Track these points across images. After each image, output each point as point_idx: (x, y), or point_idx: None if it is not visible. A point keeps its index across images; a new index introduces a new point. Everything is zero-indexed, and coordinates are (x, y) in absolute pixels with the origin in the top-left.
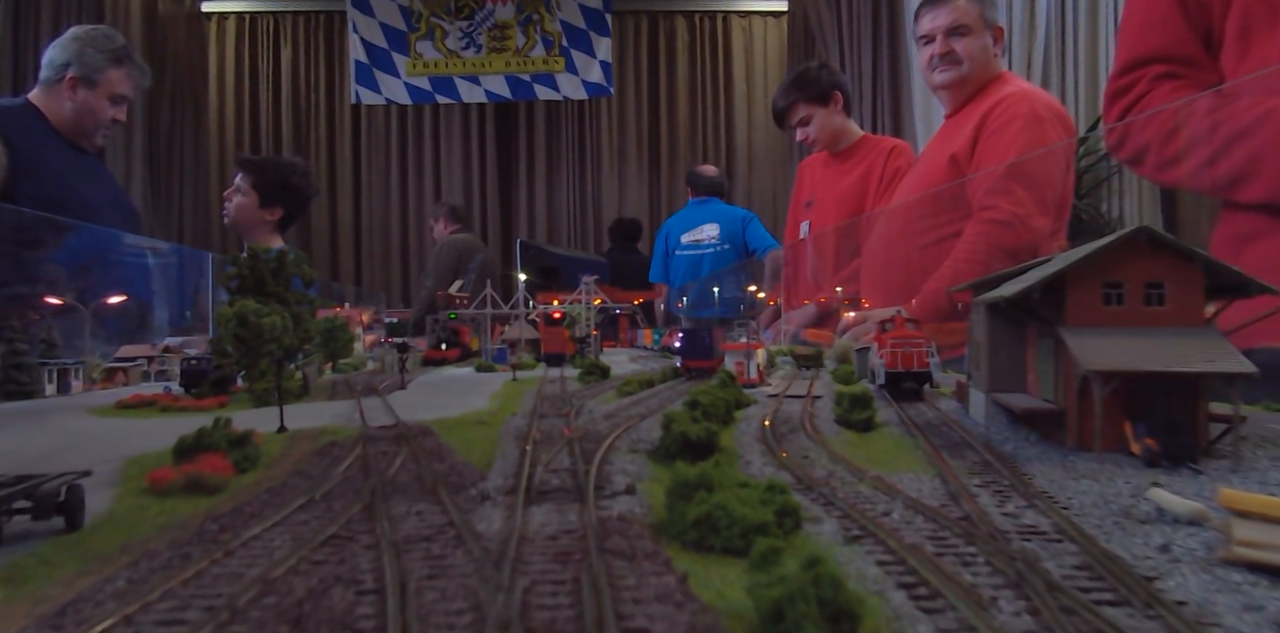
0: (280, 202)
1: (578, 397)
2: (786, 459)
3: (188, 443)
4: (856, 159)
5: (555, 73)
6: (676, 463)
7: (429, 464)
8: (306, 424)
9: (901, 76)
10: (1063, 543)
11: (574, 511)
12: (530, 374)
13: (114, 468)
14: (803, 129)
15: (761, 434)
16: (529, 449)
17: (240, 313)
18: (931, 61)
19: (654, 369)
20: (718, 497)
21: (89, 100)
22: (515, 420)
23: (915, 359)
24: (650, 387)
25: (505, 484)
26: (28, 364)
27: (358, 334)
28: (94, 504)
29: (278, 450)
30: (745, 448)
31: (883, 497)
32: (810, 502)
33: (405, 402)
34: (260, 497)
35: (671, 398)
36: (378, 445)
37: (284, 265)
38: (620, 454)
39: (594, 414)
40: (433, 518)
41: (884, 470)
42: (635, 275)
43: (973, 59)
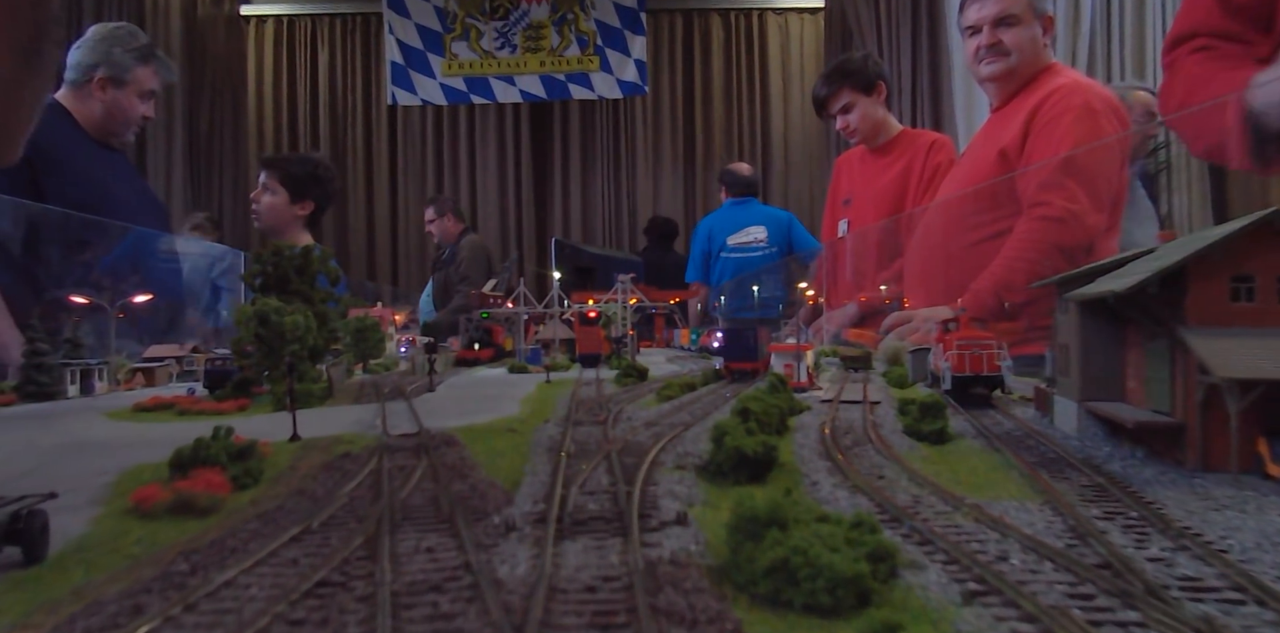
0: (310, 196)
1: (615, 401)
2: (861, 480)
3: (184, 456)
4: (895, 154)
5: (590, 72)
6: (739, 493)
7: (448, 483)
8: (322, 431)
9: (942, 72)
10: (1247, 606)
11: (616, 547)
12: (564, 376)
13: (107, 481)
14: (844, 117)
15: (823, 447)
16: (562, 465)
17: (261, 312)
18: (978, 53)
19: (694, 371)
20: (794, 538)
21: (119, 99)
22: (548, 428)
23: (985, 362)
24: (692, 390)
25: (534, 510)
26: (49, 365)
27: (390, 334)
28: (72, 527)
29: (285, 463)
30: (807, 464)
31: (990, 533)
32: (900, 539)
33: (432, 406)
34: (250, 524)
35: (716, 403)
36: (395, 458)
37: (308, 262)
38: (666, 472)
39: (633, 422)
40: (445, 557)
41: (978, 496)
42: (670, 275)
43: (1021, 50)
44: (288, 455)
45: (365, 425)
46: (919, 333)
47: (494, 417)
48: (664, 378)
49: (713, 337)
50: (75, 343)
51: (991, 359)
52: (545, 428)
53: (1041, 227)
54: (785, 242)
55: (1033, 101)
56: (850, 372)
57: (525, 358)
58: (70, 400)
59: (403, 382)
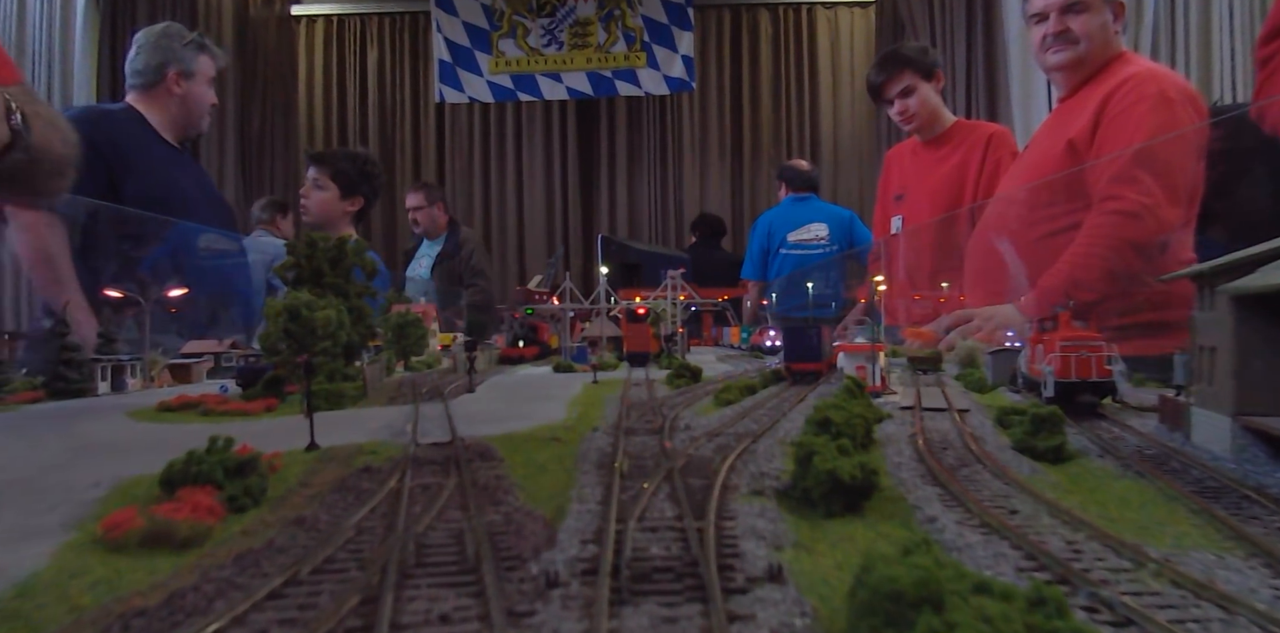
0: (359, 192)
1: (668, 405)
2: (991, 517)
3: (175, 471)
4: (951, 147)
5: (637, 68)
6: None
7: (478, 511)
8: (345, 438)
9: (997, 65)
10: None
11: (693, 619)
12: (612, 375)
13: (96, 496)
14: (903, 101)
15: (925, 466)
16: (616, 487)
17: (291, 306)
18: (1045, 41)
19: (750, 371)
20: (960, 628)
21: (192, 89)
22: (596, 438)
23: (1094, 366)
24: (752, 393)
25: (583, 556)
26: (78, 360)
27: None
28: (26, 562)
29: (295, 478)
30: (911, 490)
31: (1205, 605)
32: (1080, 612)
33: (470, 409)
34: (226, 570)
35: (781, 408)
36: (421, 474)
37: (343, 254)
38: (741, 500)
39: (693, 431)
40: None
41: (1153, 543)
42: (718, 272)
43: (1091, 38)
44: (300, 468)
45: (394, 431)
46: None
47: (536, 422)
48: (719, 379)
49: (765, 335)
50: (108, 338)
51: (1101, 362)
52: (594, 437)
53: (1113, 221)
54: (847, 240)
55: (1103, 91)
56: (919, 374)
57: (571, 356)
58: (100, 398)
59: (442, 381)
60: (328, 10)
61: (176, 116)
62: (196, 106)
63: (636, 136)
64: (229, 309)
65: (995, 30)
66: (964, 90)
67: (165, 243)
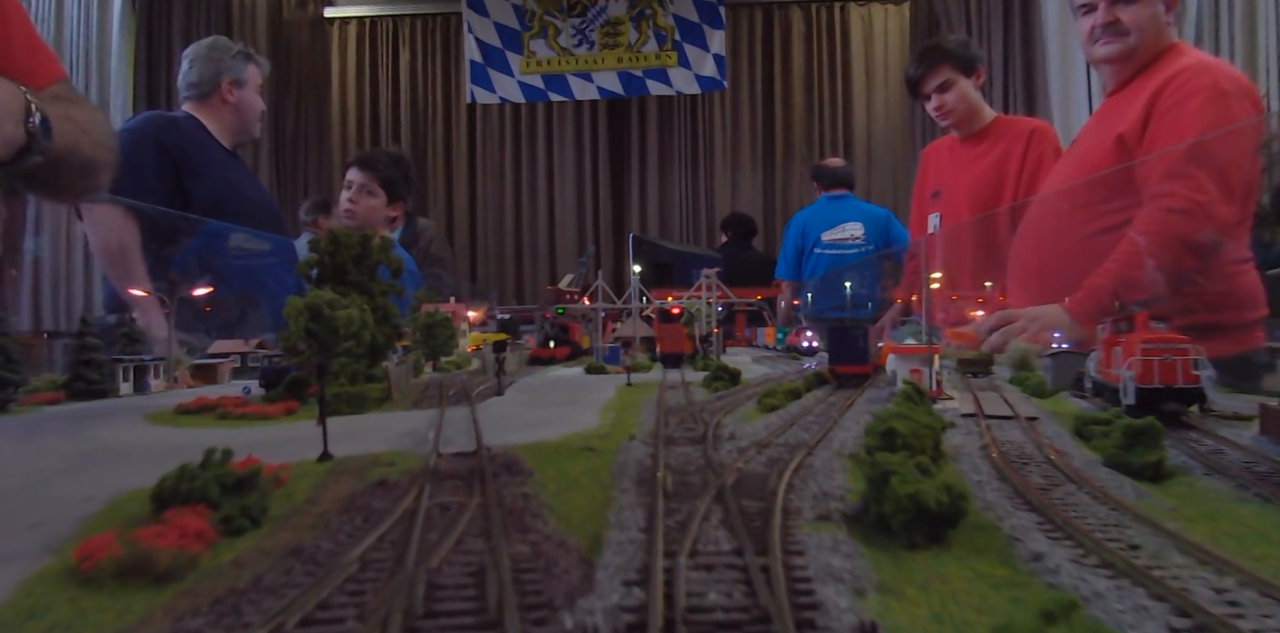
0: (401, 197)
1: (709, 411)
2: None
3: (165, 487)
4: (990, 142)
5: (668, 67)
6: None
7: (503, 539)
8: (362, 447)
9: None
10: None
11: None
12: (646, 377)
13: (88, 513)
14: (940, 96)
15: (1010, 486)
16: (660, 510)
17: (312, 304)
18: (1093, 33)
19: (791, 374)
20: None
21: (244, 96)
22: (634, 448)
23: (1180, 371)
24: (797, 398)
25: (626, 604)
26: (99, 360)
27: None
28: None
29: (302, 495)
30: (1002, 516)
31: None
32: None
33: (498, 413)
34: (200, 618)
35: (830, 415)
36: (441, 490)
37: (368, 251)
38: (808, 527)
39: (739, 440)
40: None
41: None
42: (750, 272)
43: (1141, 29)
44: (309, 483)
45: (416, 439)
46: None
47: (568, 430)
48: (759, 381)
49: (802, 336)
50: (131, 338)
51: (1188, 367)
52: (631, 447)
53: (1165, 219)
54: (883, 239)
55: (1155, 83)
56: (969, 376)
57: (604, 357)
58: (121, 399)
59: (470, 383)
60: (360, 12)
61: (231, 124)
62: (249, 113)
63: (668, 136)
64: (258, 308)
65: (1033, 26)
66: (1001, 88)
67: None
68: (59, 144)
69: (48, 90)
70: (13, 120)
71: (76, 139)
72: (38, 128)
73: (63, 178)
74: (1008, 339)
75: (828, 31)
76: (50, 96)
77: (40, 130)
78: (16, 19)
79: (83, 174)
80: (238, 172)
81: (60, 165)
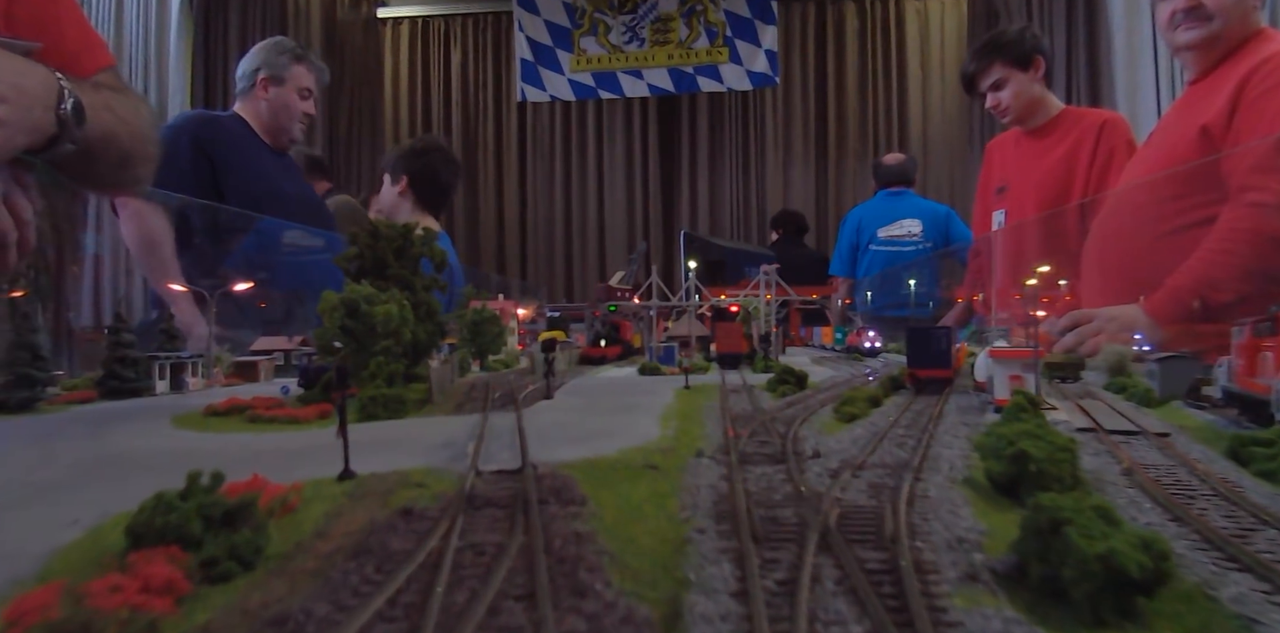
0: (402, 170)
1: (781, 420)
2: None
3: (140, 520)
4: (1058, 136)
5: (719, 64)
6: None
7: (552, 605)
8: (391, 462)
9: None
10: None
11: None
12: (703, 379)
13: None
14: (994, 94)
15: (1195, 532)
16: (753, 563)
17: (348, 300)
18: (1173, 18)
19: (860, 377)
20: None
21: (280, 96)
22: (703, 468)
23: None
24: (877, 406)
25: None
26: (134, 357)
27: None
28: None
29: (310, 525)
30: (1210, 580)
31: None
32: None
33: (546, 421)
34: None
35: (922, 425)
36: (476, 525)
37: (409, 243)
38: (960, 599)
39: (827, 460)
40: None
41: None
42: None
43: (1225, 13)
44: (323, 508)
45: (453, 452)
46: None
47: (626, 442)
48: (827, 385)
49: (864, 336)
50: (169, 334)
51: None
52: (699, 466)
53: (1253, 215)
54: (942, 237)
55: (1241, 71)
56: (1057, 382)
57: (658, 357)
58: (156, 398)
59: (517, 384)
60: (412, 12)
61: (267, 122)
62: (284, 112)
63: (718, 133)
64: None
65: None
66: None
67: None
68: (94, 133)
69: (92, 78)
70: (41, 106)
71: (114, 129)
72: (69, 114)
73: (99, 169)
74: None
75: (882, 26)
76: (92, 85)
77: (72, 117)
78: (66, 4)
79: (120, 165)
80: (278, 170)
81: (96, 155)
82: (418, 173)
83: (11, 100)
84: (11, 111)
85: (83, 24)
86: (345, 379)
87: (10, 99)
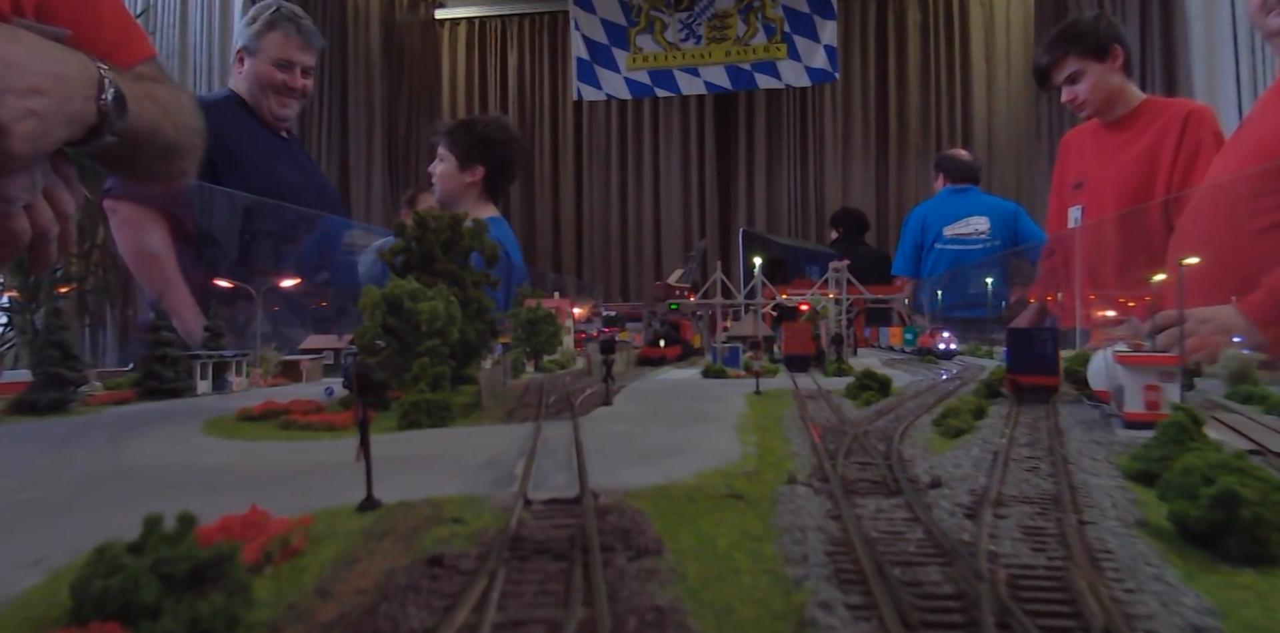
0: (478, 160)
1: (874, 434)
2: None
3: (82, 583)
4: (1139, 128)
5: (777, 60)
6: None
7: None
8: (425, 486)
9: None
10: None
11: None
12: (774, 384)
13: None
14: (1070, 88)
15: None
16: None
17: (391, 295)
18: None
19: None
20: None
21: (253, 68)
22: (799, 498)
23: None
24: (982, 417)
25: None
26: (174, 356)
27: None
28: None
29: (311, 578)
30: None
31: None
32: None
33: (607, 433)
34: None
35: (1044, 444)
36: (522, 585)
37: (459, 235)
38: None
39: (950, 490)
40: None
41: None
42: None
43: None
44: (333, 552)
45: (500, 473)
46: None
47: (702, 462)
48: (911, 391)
49: (938, 337)
50: (215, 332)
51: None
52: (794, 497)
53: None
54: (1011, 235)
55: None
56: None
57: (723, 359)
58: (197, 399)
59: (573, 387)
60: (469, 13)
61: (249, 97)
62: (257, 86)
63: (776, 130)
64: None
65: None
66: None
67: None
68: (136, 124)
69: (134, 69)
70: (81, 96)
71: (157, 120)
72: (110, 105)
73: (143, 161)
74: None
75: (945, 18)
76: (134, 75)
77: (114, 108)
78: None
79: (165, 157)
80: (280, 157)
81: (139, 147)
82: (495, 165)
83: (49, 91)
84: (50, 103)
85: (123, 15)
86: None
87: (48, 90)
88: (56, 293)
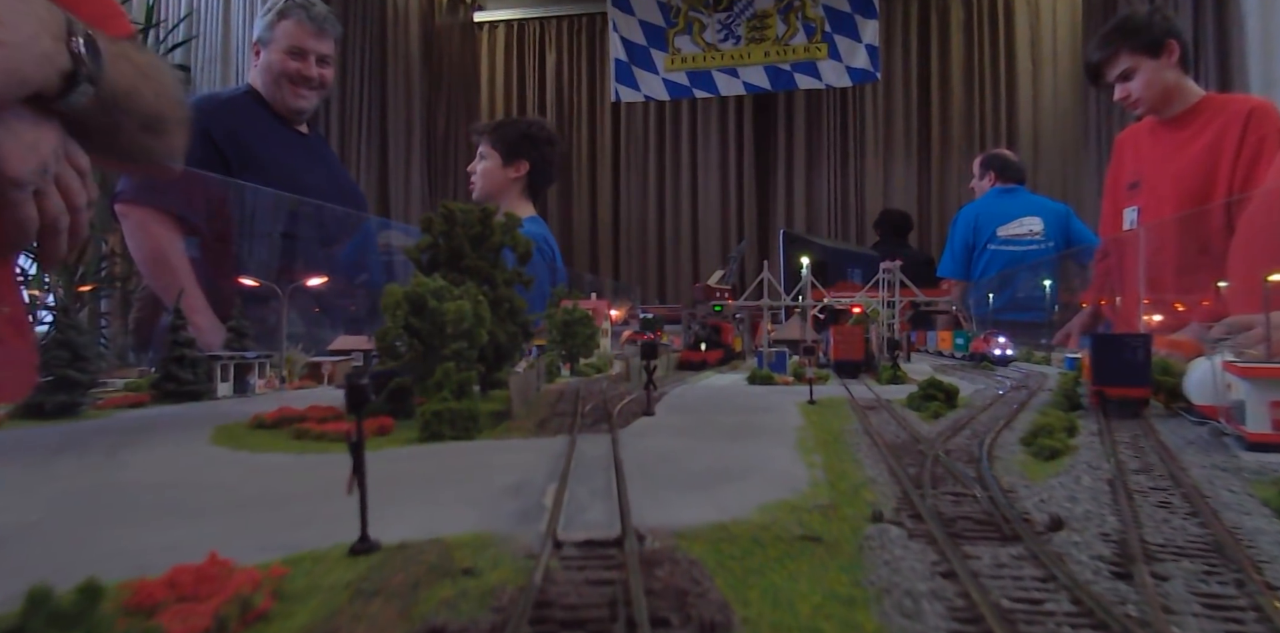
0: (522, 156)
1: (953, 452)
2: None
3: None
4: (1199, 125)
5: (817, 60)
6: None
7: None
8: (433, 522)
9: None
10: None
11: None
12: (826, 391)
13: None
14: (1123, 85)
15: None
16: None
17: (414, 294)
18: None
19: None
20: None
21: (268, 59)
22: (892, 542)
23: None
24: (1074, 434)
25: None
26: (193, 358)
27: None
28: None
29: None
30: None
31: None
32: None
33: (650, 449)
34: None
35: (1161, 469)
36: None
37: (489, 230)
38: None
39: (1079, 535)
40: None
41: None
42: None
43: None
44: (305, 619)
45: (526, 503)
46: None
47: (765, 491)
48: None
49: (993, 342)
50: (238, 332)
51: None
52: (887, 543)
53: None
54: (1063, 236)
55: None
56: None
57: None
58: (216, 402)
59: (610, 393)
60: (508, 16)
61: (265, 91)
62: (270, 77)
63: (816, 131)
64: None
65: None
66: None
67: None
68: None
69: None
70: (51, 35)
71: (135, 83)
72: (83, 50)
73: (124, 132)
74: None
75: (990, 18)
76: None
77: (87, 54)
78: None
79: (148, 128)
80: (297, 153)
81: (118, 114)
82: (539, 162)
83: (13, 25)
84: (15, 36)
85: None
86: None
87: (11, 24)
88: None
